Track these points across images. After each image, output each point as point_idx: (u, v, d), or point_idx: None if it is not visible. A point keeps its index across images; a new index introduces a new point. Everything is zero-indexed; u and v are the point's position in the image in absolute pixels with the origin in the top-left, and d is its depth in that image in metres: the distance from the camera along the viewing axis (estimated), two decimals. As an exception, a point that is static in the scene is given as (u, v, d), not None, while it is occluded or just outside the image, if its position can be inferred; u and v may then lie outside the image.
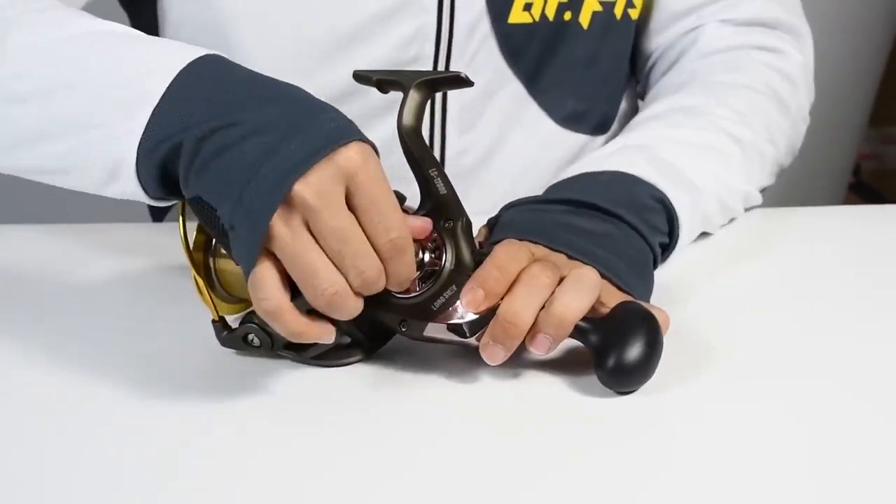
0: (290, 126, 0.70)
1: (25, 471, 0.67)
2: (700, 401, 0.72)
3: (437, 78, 0.75)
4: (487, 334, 0.73)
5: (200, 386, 0.75)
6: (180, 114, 0.71)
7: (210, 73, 0.74)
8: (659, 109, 1.02)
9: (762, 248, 0.98)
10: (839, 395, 0.73)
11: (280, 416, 0.72)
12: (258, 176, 0.68)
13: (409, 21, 1.01)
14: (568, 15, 1.05)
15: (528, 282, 0.73)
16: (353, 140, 0.70)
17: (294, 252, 0.69)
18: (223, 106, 0.71)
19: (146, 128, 0.72)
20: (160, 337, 0.82)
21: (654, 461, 0.66)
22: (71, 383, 0.76)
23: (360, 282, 0.69)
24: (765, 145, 1.03)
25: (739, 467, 0.65)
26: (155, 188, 0.74)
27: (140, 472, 0.66)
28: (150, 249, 0.98)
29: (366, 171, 0.69)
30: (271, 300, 0.69)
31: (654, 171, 0.89)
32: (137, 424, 0.71)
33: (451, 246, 0.74)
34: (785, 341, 0.80)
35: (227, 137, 0.70)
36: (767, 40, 1.09)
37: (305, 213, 0.68)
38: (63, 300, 0.90)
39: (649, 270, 0.84)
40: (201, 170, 0.70)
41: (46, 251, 1.01)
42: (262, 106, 0.71)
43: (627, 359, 0.71)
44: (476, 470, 0.65)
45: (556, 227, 0.82)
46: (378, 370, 0.77)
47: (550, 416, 0.71)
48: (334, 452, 0.68)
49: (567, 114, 1.10)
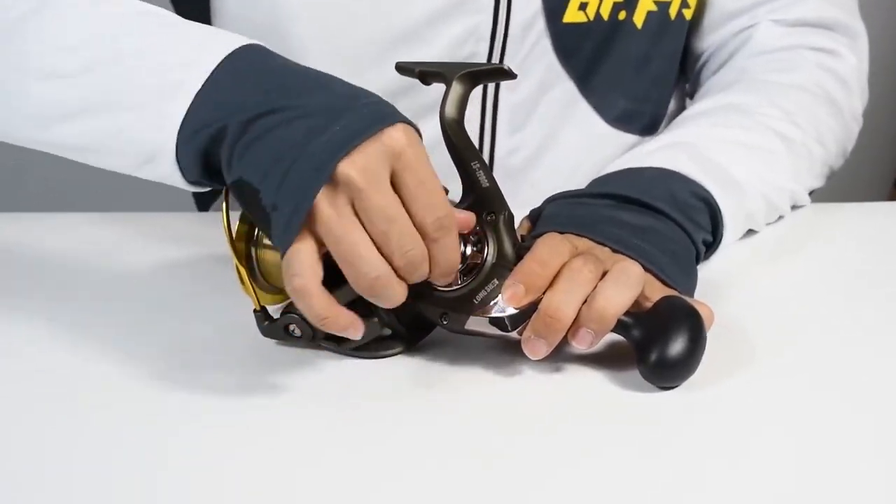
0: (335, 110, 0.70)
1: (65, 451, 0.67)
2: (742, 397, 0.71)
3: (479, 70, 0.74)
4: (529, 328, 0.72)
5: (240, 375, 0.75)
6: (224, 100, 0.72)
7: (253, 61, 0.74)
8: (705, 107, 1.01)
9: (807, 244, 0.96)
10: (886, 394, 0.72)
11: (317, 407, 0.72)
12: (304, 154, 0.68)
13: (465, 20, 1.01)
14: (622, 14, 1.04)
15: (570, 276, 0.73)
16: (398, 121, 0.70)
17: (340, 233, 0.68)
18: (267, 93, 0.71)
19: (188, 112, 0.72)
20: (202, 326, 0.82)
21: (695, 457, 0.66)
22: (111, 370, 0.76)
23: (405, 262, 0.69)
24: (814, 146, 1.01)
25: (780, 466, 0.64)
26: (195, 173, 0.74)
27: (174, 458, 0.66)
28: (195, 239, 0.98)
29: (412, 151, 0.69)
30: (302, 277, 0.69)
31: (698, 168, 0.88)
32: (176, 411, 0.71)
33: (493, 239, 0.74)
34: (830, 339, 0.79)
35: (272, 121, 0.70)
36: (821, 41, 1.07)
37: (351, 193, 0.68)
38: (105, 288, 0.90)
39: (692, 265, 0.83)
40: (245, 149, 0.70)
41: (91, 239, 1.01)
42: (305, 93, 0.71)
43: (670, 354, 0.70)
44: (514, 464, 0.65)
45: (599, 220, 0.82)
46: (418, 363, 0.76)
47: (591, 412, 0.70)
48: (367, 443, 0.67)
49: (618, 114, 1.09)
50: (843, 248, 0.97)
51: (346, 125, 0.69)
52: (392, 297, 0.70)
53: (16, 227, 1.06)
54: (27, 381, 0.76)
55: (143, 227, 1.03)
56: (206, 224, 1.05)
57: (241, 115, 0.70)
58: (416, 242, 0.69)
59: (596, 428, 0.68)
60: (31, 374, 0.77)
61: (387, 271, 0.69)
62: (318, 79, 0.73)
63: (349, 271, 0.69)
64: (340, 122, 0.69)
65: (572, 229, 0.80)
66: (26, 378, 0.76)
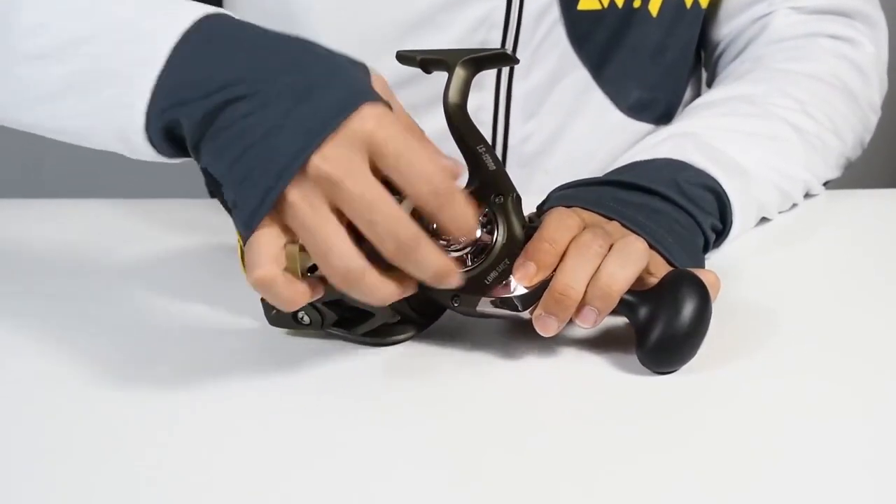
0: (300, 94, 0.67)
1: (76, 435, 0.67)
2: (747, 384, 0.71)
3: (482, 56, 0.74)
4: (540, 306, 0.72)
5: (248, 364, 0.75)
6: (189, 78, 0.69)
7: (217, 34, 0.70)
8: (715, 97, 1.01)
9: (819, 230, 0.96)
10: (890, 378, 0.72)
11: (326, 393, 0.72)
12: (267, 154, 0.66)
13: (477, 7, 1.01)
14: (637, 2, 1.04)
15: (579, 251, 0.72)
16: (362, 102, 0.67)
17: (312, 225, 0.65)
18: (232, 72, 0.68)
19: (153, 91, 0.69)
20: (210, 314, 0.82)
21: (695, 447, 0.65)
22: (117, 356, 0.76)
23: (396, 247, 0.66)
24: (828, 136, 1.00)
25: (781, 457, 0.63)
26: (166, 150, 0.72)
27: (181, 445, 0.66)
28: (205, 226, 0.98)
29: (382, 129, 0.66)
30: (261, 267, 0.66)
31: (704, 158, 0.88)
32: (184, 399, 0.71)
33: (502, 221, 0.74)
34: (836, 324, 0.79)
35: (234, 113, 0.67)
36: (840, 29, 1.07)
37: (326, 188, 0.65)
38: (117, 274, 0.91)
39: (697, 248, 0.83)
40: (209, 141, 0.68)
41: (104, 226, 1.02)
42: (273, 73, 0.68)
43: (668, 339, 0.70)
44: (513, 452, 0.65)
45: (606, 198, 0.81)
46: (426, 348, 0.76)
47: (594, 402, 0.70)
48: (375, 429, 0.67)
49: (632, 102, 1.09)
50: (855, 234, 0.96)
51: (309, 115, 0.66)
52: (371, 292, 0.67)
53: (32, 213, 1.07)
54: (31, 363, 0.76)
55: (156, 213, 1.03)
56: (219, 211, 1.05)
57: (204, 101, 0.67)
58: (402, 224, 0.66)
59: (598, 419, 0.68)
60: (37, 356, 0.77)
61: (359, 265, 0.66)
62: (290, 51, 0.70)
63: (322, 265, 0.66)
64: (303, 112, 0.66)
65: (580, 204, 0.80)
66: (30, 360, 0.76)
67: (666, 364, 0.71)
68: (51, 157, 2.12)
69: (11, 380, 0.74)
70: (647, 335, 0.71)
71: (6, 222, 1.04)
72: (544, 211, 0.80)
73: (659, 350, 0.71)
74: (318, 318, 0.75)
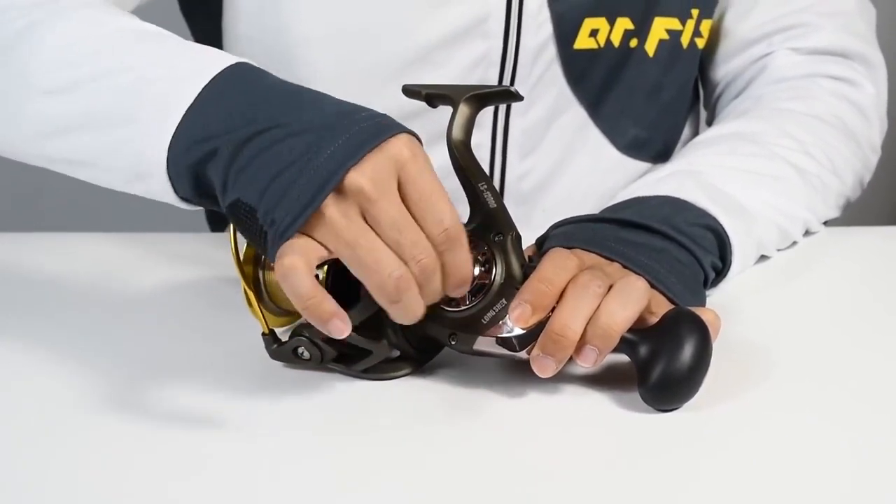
0: (329, 126, 0.70)
1: (72, 467, 0.67)
2: (748, 420, 0.71)
3: (486, 92, 0.74)
4: (538, 347, 0.72)
5: (249, 398, 0.75)
6: (215, 118, 0.71)
7: (244, 79, 0.74)
8: (715, 134, 1.01)
9: (819, 267, 0.96)
10: (889, 415, 0.72)
11: (325, 429, 0.72)
12: (308, 168, 0.68)
13: (475, 45, 1.01)
14: (634, 42, 1.04)
15: (577, 292, 0.72)
16: (400, 132, 0.70)
17: (352, 237, 0.68)
18: (258, 112, 0.71)
19: (178, 128, 0.72)
20: (210, 348, 0.82)
21: (693, 481, 0.65)
22: (117, 389, 0.76)
23: (419, 270, 0.68)
24: (828, 177, 1.00)
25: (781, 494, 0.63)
26: (186, 190, 0.74)
27: (180, 481, 0.66)
28: (205, 260, 0.98)
29: (416, 161, 0.69)
30: (292, 256, 0.67)
31: (704, 196, 0.88)
32: (183, 433, 0.71)
33: (501, 259, 0.74)
34: (835, 361, 0.79)
35: (265, 140, 0.70)
36: (839, 70, 1.07)
37: (361, 202, 0.68)
38: (117, 307, 0.90)
39: (699, 285, 0.83)
40: (240, 172, 0.70)
41: (105, 259, 1.01)
42: (296, 111, 0.71)
43: (670, 378, 0.70)
44: (513, 494, 0.64)
45: (606, 237, 0.81)
46: (425, 384, 0.76)
47: (595, 438, 0.70)
48: (375, 466, 0.67)
49: (629, 141, 1.09)
50: (854, 272, 0.97)
51: (349, 137, 0.68)
52: (413, 305, 0.69)
53: (32, 247, 1.07)
54: (33, 398, 0.76)
55: (157, 247, 1.03)
56: (219, 245, 1.05)
57: (232, 135, 0.70)
58: (427, 251, 0.69)
59: (601, 456, 0.68)
60: (39, 391, 0.77)
61: (407, 271, 0.68)
62: (308, 97, 0.73)
63: (369, 275, 0.68)
64: (342, 136, 0.69)
65: (579, 244, 0.80)
66: (32, 395, 0.76)
67: (668, 402, 0.71)
68: (47, 191, 2.12)
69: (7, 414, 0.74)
70: (649, 373, 0.71)
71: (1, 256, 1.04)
72: (543, 249, 0.80)
73: (661, 388, 0.71)
74: (317, 354, 0.75)
